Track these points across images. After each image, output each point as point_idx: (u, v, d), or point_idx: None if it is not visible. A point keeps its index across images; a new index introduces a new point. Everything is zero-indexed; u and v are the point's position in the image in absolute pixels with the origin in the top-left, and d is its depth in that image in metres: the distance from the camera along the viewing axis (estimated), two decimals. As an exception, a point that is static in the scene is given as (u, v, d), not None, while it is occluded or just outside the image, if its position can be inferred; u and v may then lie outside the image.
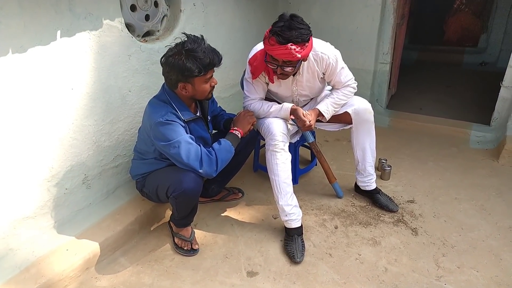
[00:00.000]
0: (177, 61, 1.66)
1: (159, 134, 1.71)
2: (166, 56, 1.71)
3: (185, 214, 1.93)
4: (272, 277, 1.83)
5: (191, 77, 1.69)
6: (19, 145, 1.64)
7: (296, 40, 1.71)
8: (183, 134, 1.72)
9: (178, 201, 1.82)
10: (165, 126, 1.69)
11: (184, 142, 1.70)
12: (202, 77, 1.72)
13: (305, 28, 1.74)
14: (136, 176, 2.00)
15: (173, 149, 1.70)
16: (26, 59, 1.58)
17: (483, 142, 3.07)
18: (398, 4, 3.20)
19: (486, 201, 2.35)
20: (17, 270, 1.69)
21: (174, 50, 1.70)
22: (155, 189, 1.87)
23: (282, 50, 1.73)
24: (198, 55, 1.65)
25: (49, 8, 1.61)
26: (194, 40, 1.69)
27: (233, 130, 1.94)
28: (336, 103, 2.11)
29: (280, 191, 2.00)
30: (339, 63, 2.03)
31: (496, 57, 5.20)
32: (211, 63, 1.70)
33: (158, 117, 1.70)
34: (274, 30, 1.72)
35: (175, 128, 1.71)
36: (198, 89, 1.76)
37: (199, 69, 1.67)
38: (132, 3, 2.07)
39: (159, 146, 1.74)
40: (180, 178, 1.75)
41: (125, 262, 1.94)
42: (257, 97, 2.13)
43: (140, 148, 1.94)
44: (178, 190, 1.75)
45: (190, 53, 1.65)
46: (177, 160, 1.74)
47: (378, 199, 2.31)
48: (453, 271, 1.82)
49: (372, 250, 1.98)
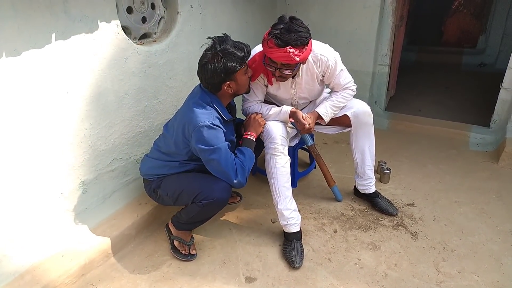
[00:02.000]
0: (217, 63, 1.68)
1: (202, 137, 1.68)
2: (202, 64, 1.73)
3: (197, 220, 1.92)
4: (271, 283, 1.80)
5: (234, 74, 1.73)
6: (13, 149, 1.61)
7: (295, 44, 1.69)
8: (224, 141, 1.72)
9: (204, 208, 1.79)
10: (210, 131, 1.68)
11: (224, 150, 1.71)
12: (242, 70, 1.76)
13: (305, 31, 1.71)
14: (150, 175, 1.94)
15: (213, 155, 1.69)
16: (20, 63, 1.55)
17: (482, 144, 3.05)
18: (397, 5, 3.18)
19: (486, 205, 2.33)
20: (11, 276, 1.67)
21: (208, 55, 1.71)
22: (178, 193, 1.83)
23: (280, 53, 1.71)
24: (232, 51, 1.69)
25: (44, 11, 1.59)
26: (221, 40, 1.72)
27: (247, 135, 1.93)
28: (335, 106, 2.08)
29: (279, 195, 1.97)
30: (338, 65, 2.01)
31: (495, 58, 5.19)
32: (246, 54, 1.75)
33: (205, 120, 1.69)
34: (273, 32, 1.70)
35: (219, 135, 1.71)
36: (241, 82, 1.80)
37: (240, 63, 1.72)
38: (129, 5, 2.05)
39: (198, 149, 1.71)
40: (212, 187, 1.74)
41: (122, 268, 1.92)
42: (256, 99, 2.11)
43: (166, 149, 1.89)
44: (209, 198, 1.74)
45: (225, 52, 1.69)
46: (214, 166, 1.73)
47: (378, 203, 2.29)
48: (453, 276, 1.80)
49: (372, 255, 1.96)
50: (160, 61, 2.25)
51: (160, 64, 2.26)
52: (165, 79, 2.32)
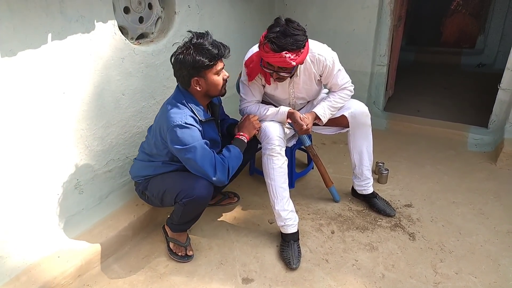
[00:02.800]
0: (186, 56, 1.65)
1: (176, 137, 1.67)
2: (175, 54, 1.70)
3: (186, 220, 1.90)
4: (268, 284, 1.80)
5: (202, 69, 1.69)
6: (9, 150, 1.61)
7: (291, 48, 1.68)
8: (199, 140, 1.70)
9: (186, 207, 1.78)
10: (183, 130, 1.67)
11: (200, 148, 1.69)
12: (213, 69, 1.71)
13: (301, 34, 1.70)
14: (137, 177, 1.95)
15: (189, 154, 1.68)
16: (16, 63, 1.55)
17: (480, 145, 3.05)
18: (395, 6, 3.18)
19: (484, 205, 2.33)
20: (7, 278, 1.67)
21: (182, 47, 1.69)
22: (161, 194, 1.83)
23: (277, 58, 1.70)
24: (206, 47, 1.66)
25: (40, 11, 1.58)
26: (200, 35, 1.69)
27: (239, 135, 1.92)
28: (333, 106, 2.08)
29: (276, 196, 1.97)
30: (336, 65, 2.01)
31: (493, 59, 5.19)
32: (220, 53, 1.71)
33: (177, 119, 1.67)
34: (269, 36, 1.68)
35: (193, 133, 1.69)
36: (211, 82, 1.75)
37: (209, 59, 1.67)
38: (126, 5, 2.05)
39: (174, 149, 1.71)
40: (192, 185, 1.72)
41: (118, 269, 1.91)
42: (254, 99, 2.11)
43: (149, 150, 1.89)
44: (189, 197, 1.73)
45: (198, 46, 1.66)
46: (192, 165, 1.72)
47: (375, 203, 2.29)
48: (451, 277, 1.80)
49: (369, 256, 1.95)
50: (157, 61, 2.24)
51: (157, 65, 2.25)
52: (162, 80, 2.31)
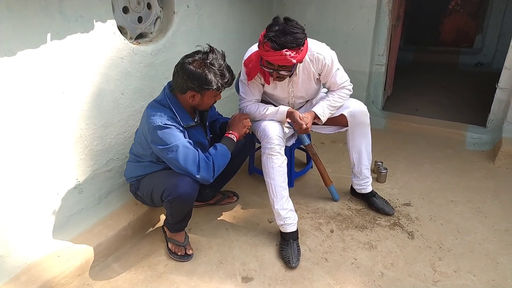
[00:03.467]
0: (197, 69, 1.65)
1: (157, 138, 1.68)
2: (185, 62, 1.68)
3: (179, 219, 1.91)
4: (267, 283, 1.80)
5: (205, 90, 1.69)
6: (8, 149, 1.61)
7: (291, 46, 1.69)
8: (181, 139, 1.71)
9: (173, 205, 1.79)
10: (163, 130, 1.68)
11: (182, 147, 1.69)
12: (215, 92, 1.73)
13: (300, 32, 1.71)
14: (130, 178, 1.98)
15: (171, 153, 1.68)
16: (15, 63, 1.54)
17: (479, 144, 3.06)
18: (394, 5, 3.19)
19: (482, 204, 2.34)
20: (7, 277, 1.67)
21: (195, 57, 1.68)
22: (150, 193, 1.85)
23: (277, 56, 1.71)
24: (220, 71, 1.67)
25: (39, 11, 1.58)
26: (216, 56, 1.69)
27: (228, 134, 1.92)
28: (332, 106, 2.09)
29: (275, 195, 1.98)
30: (335, 64, 2.02)
31: (491, 58, 5.20)
32: (228, 83, 1.73)
33: (157, 120, 1.68)
34: (268, 35, 1.69)
35: (173, 133, 1.69)
36: (206, 101, 1.78)
37: (218, 87, 1.69)
38: (125, 5, 2.04)
39: (157, 150, 1.73)
40: (175, 182, 1.73)
41: (118, 268, 1.91)
42: (253, 99, 2.11)
43: (136, 151, 1.92)
44: (173, 194, 1.73)
45: (212, 68, 1.66)
46: (174, 164, 1.72)
47: (374, 202, 2.29)
48: (449, 275, 1.81)
49: (368, 254, 1.96)
50: (157, 61, 2.25)
51: (157, 64, 2.25)
52: (161, 79, 2.31)
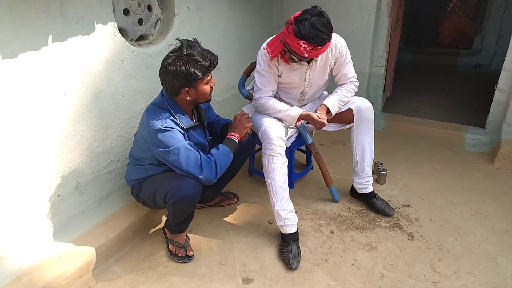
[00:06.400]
0: (179, 67, 1.65)
1: (158, 141, 1.69)
2: (165, 64, 1.68)
3: (181, 220, 1.91)
4: (268, 284, 1.81)
5: (194, 81, 1.69)
6: (9, 151, 1.61)
7: (311, 41, 1.72)
8: (182, 141, 1.71)
9: (176, 207, 1.79)
10: (164, 133, 1.68)
11: (183, 149, 1.69)
12: (204, 79, 1.73)
13: (325, 33, 1.74)
14: (131, 181, 1.98)
15: (173, 156, 1.69)
16: (17, 65, 1.55)
17: (478, 145, 3.07)
18: (393, 7, 3.20)
19: (482, 205, 2.35)
20: (8, 279, 1.67)
21: (171, 57, 1.68)
22: (152, 195, 1.85)
23: (294, 42, 1.75)
24: (198, 58, 1.66)
25: (40, 13, 1.59)
26: (190, 45, 1.68)
27: (230, 135, 1.93)
28: (340, 100, 2.14)
29: (276, 195, 1.98)
30: (348, 55, 2.10)
31: (490, 59, 5.22)
32: (212, 64, 1.71)
33: (157, 124, 1.68)
34: (297, 19, 1.73)
35: (174, 135, 1.70)
36: (201, 92, 1.76)
37: (203, 72, 1.68)
38: (125, 7, 2.05)
39: (158, 153, 1.73)
40: (179, 184, 1.73)
41: (119, 270, 1.92)
42: (269, 89, 2.12)
43: (136, 154, 1.92)
44: (177, 196, 1.73)
45: (190, 58, 1.65)
46: (177, 167, 1.73)
47: (374, 203, 2.30)
48: (449, 276, 1.82)
49: (368, 256, 1.97)
50: (157, 62, 2.23)
51: (157, 66, 2.22)
52: (162, 81, 2.32)
